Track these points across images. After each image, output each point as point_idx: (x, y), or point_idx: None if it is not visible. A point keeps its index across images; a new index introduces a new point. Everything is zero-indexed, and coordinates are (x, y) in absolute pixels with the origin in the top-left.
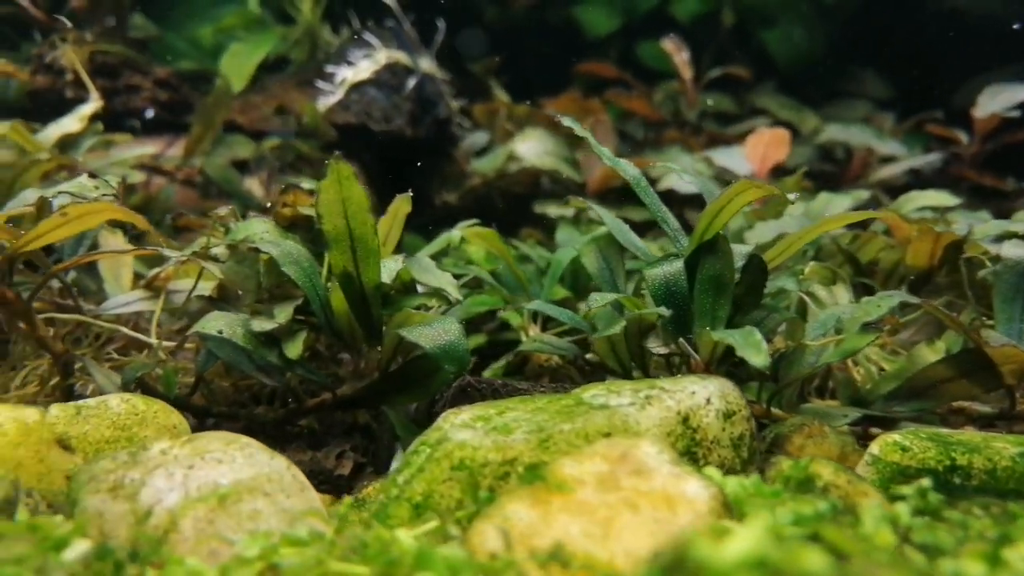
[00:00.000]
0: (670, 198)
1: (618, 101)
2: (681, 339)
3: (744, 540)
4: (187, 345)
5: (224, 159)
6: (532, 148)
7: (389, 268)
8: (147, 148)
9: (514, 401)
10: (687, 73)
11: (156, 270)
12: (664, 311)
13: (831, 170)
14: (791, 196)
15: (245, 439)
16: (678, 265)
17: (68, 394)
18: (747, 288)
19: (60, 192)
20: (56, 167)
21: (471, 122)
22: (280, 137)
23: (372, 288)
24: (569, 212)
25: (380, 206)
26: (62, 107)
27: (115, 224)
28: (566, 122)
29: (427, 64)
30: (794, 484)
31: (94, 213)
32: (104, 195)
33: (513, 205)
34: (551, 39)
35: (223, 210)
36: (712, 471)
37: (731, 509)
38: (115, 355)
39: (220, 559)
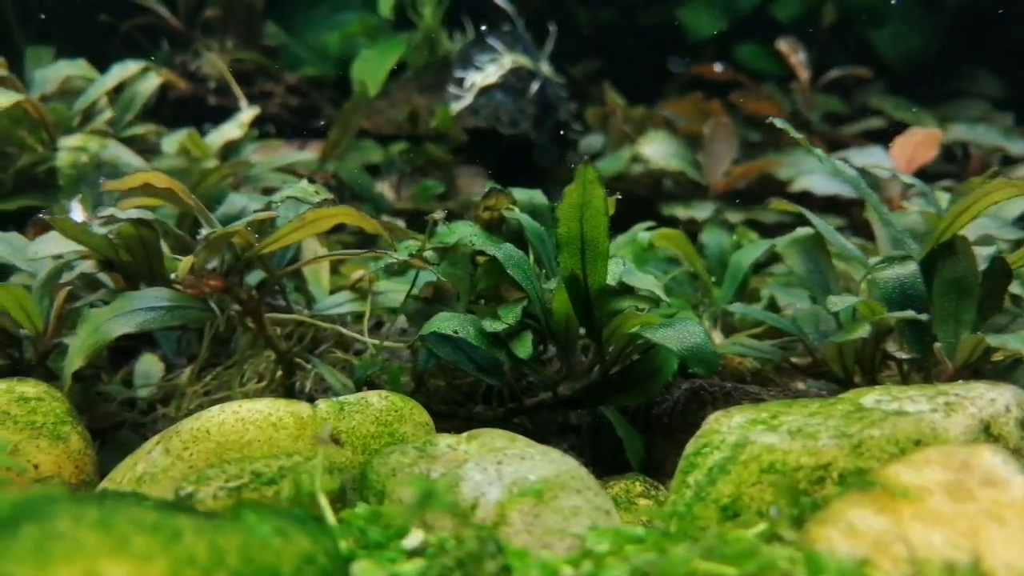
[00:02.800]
0: (807, 200)
1: (744, 104)
2: (937, 344)
3: None
4: (389, 344)
5: (356, 163)
6: (657, 150)
7: (612, 271)
8: (304, 154)
9: (777, 405)
10: (804, 74)
11: (360, 272)
12: (920, 316)
13: (953, 170)
14: None
15: (522, 437)
16: (912, 268)
17: (289, 391)
18: (988, 291)
19: (287, 197)
20: (227, 173)
21: (582, 125)
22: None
23: (597, 290)
24: (704, 214)
25: None
26: (204, 114)
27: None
28: (778, 124)
29: (546, 67)
30: None
31: (328, 217)
32: (325, 200)
33: (631, 207)
34: (645, 42)
35: (438, 214)
36: None
37: None
38: (338, 354)
39: (555, 553)
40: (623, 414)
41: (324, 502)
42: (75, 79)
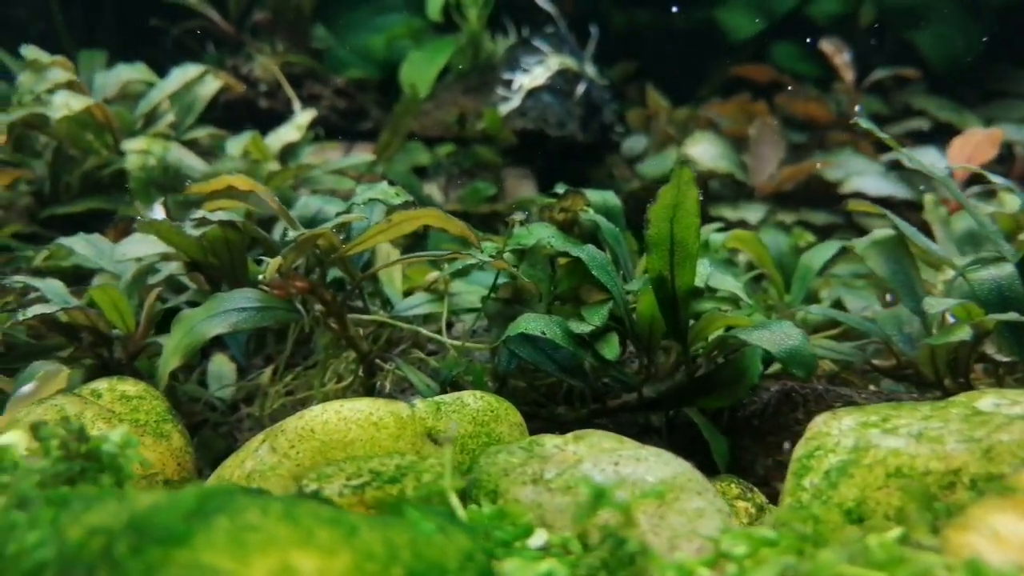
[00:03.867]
0: None
1: (791, 105)
2: None
3: None
4: (469, 345)
5: (405, 166)
6: (705, 151)
7: (699, 272)
8: (363, 156)
9: (886, 408)
10: (848, 75)
11: (435, 274)
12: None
13: (1000, 171)
14: None
15: (628, 439)
16: (1009, 269)
17: (370, 391)
18: None
19: (369, 199)
20: (292, 175)
21: (624, 126)
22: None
23: (684, 292)
24: (754, 215)
25: None
26: (255, 117)
27: None
28: (863, 124)
29: (590, 69)
30: None
31: (414, 219)
32: (407, 202)
33: None
34: (681, 43)
35: (518, 215)
36: None
37: None
38: (418, 354)
39: (684, 554)
40: (703, 416)
41: (455, 501)
42: (134, 83)
